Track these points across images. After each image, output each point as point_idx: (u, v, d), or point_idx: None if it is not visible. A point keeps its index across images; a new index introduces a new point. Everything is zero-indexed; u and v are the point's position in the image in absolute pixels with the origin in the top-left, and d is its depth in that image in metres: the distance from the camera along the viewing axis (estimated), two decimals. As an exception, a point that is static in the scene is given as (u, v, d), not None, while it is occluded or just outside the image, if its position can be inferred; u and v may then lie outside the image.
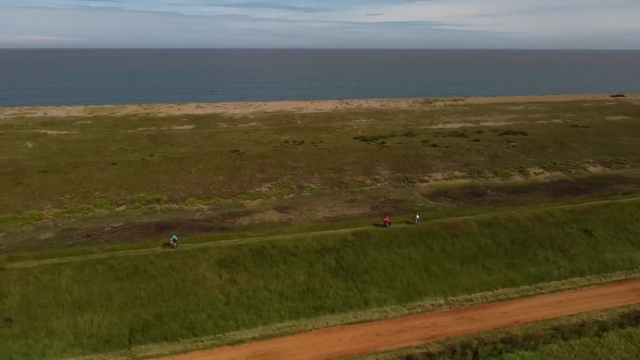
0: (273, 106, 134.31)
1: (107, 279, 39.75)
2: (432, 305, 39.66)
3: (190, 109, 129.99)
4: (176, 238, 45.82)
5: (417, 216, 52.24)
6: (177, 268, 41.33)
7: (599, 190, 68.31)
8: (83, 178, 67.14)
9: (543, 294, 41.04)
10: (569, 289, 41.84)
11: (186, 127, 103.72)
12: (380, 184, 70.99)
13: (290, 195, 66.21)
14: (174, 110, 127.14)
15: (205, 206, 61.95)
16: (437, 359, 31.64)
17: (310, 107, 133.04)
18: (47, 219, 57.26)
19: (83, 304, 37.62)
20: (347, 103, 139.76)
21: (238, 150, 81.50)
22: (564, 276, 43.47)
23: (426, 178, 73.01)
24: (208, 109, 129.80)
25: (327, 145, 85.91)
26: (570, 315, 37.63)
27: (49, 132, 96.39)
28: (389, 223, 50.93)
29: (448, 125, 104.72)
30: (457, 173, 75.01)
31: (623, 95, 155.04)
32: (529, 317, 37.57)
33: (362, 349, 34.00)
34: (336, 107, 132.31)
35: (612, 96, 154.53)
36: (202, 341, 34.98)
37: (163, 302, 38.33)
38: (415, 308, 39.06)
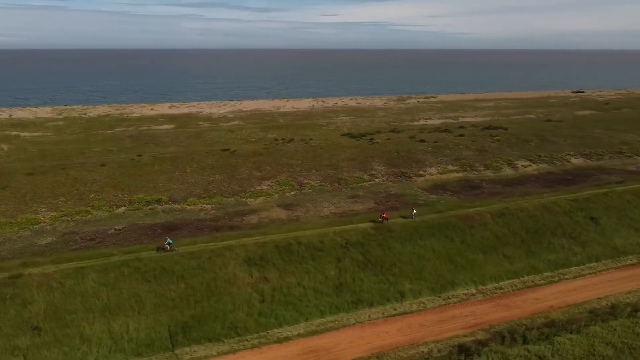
0: (249, 105, 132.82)
1: (135, 281, 38.20)
2: (466, 294, 40.22)
3: (165, 108, 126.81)
4: (171, 241, 43.78)
5: (415, 211, 52.33)
6: (205, 267, 40.17)
7: (585, 180, 71.05)
8: (74, 180, 64.29)
9: (567, 279, 42.33)
10: (590, 273, 43.34)
11: (166, 126, 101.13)
12: (378, 180, 71.36)
13: (292, 193, 65.63)
14: (148, 110, 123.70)
15: (209, 205, 60.56)
16: (489, 345, 32.03)
17: (287, 105, 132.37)
18: (44, 223, 54.52)
19: (114, 308, 36.00)
20: (323, 101, 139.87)
21: (229, 149, 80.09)
22: (582, 262, 44.98)
23: (421, 172, 73.92)
24: (183, 108, 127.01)
25: (317, 142, 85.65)
26: (599, 298, 38.98)
27: (22, 134, 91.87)
28: (387, 219, 50.30)
29: (429, 122, 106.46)
30: (450, 167, 76.34)
31: (583, 92, 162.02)
32: (560, 301, 38.66)
33: (411, 340, 34.06)
34: (313, 106, 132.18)
35: (573, 92, 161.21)
36: (247, 340, 34.16)
37: (196, 303, 37.17)
38: (450, 298, 39.48)
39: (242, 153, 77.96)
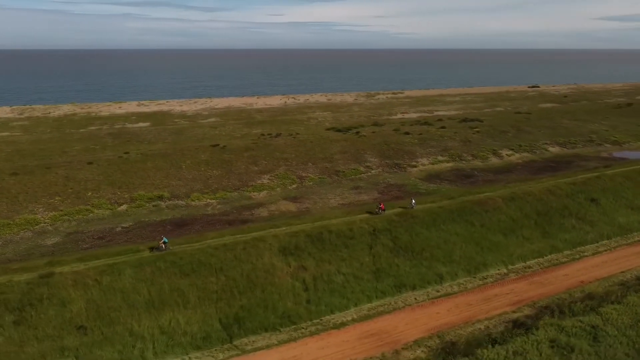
0: (220, 102, 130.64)
1: (173, 276, 36.92)
2: (499, 274, 41.38)
3: (133, 107, 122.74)
4: (166, 240, 41.16)
5: (413, 201, 52.11)
6: (242, 259, 39.35)
7: (567, 167, 74.61)
8: (65, 179, 61.20)
9: (587, 256, 44.37)
10: (605, 250, 45.61)
11: (142, 124, 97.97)
12: (374, 171, 72.08)
13: (294, 186, 65.26)
14: (116, 109, 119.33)
15: (214, 200, 59.28)
16: (542, 319, 33.13)
17: (259, 102, 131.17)
18: (44, 223, 51.73)
19: (157, 303, 34.66)
20: (294, 98, 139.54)
21: (219, 144, 78.53)
22: (595, 240, 47.24)
23: (414, 163, 75.26)
24: (152, 106, 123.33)
25: (305, 136, 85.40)
26: (622, 272, 41.14)
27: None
28: (384, 210, 49.75)
29: (407, 116, 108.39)
30: (440, 157, 78.12)
31: (538, 86, 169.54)
32: (589, 276, 40.48)
33: (463, 319, 34.73)
34: (285, 102, 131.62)
35: (529, 87, 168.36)
36: (303, 328, 33.77)
37: (241, 294, 36.37)
38: (486, 278, 40.51)
39: (233, 148, 76.63)
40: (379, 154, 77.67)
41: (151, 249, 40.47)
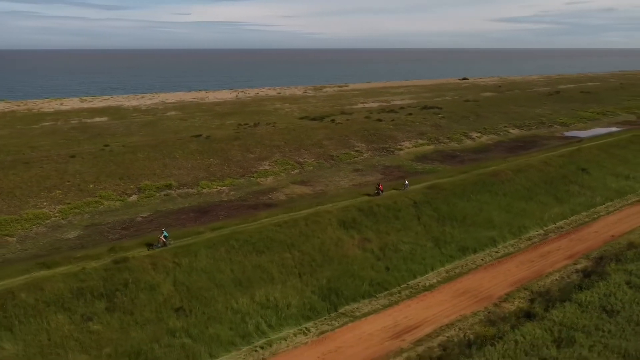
0: (170, 97, 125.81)
1: (248, 254, 35.92)
2: (539, 235, 44.50)
3: (75, 103, 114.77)
4: (167, 235, 37.01)
5: (406, 182, 52.63)
6: (308, 234, 39.09)
7: (534, 146, 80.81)
8: (57, 172, 56.59)
9: (602, 216, 48.89)
10: (615, 210, 50.51)
11: (98, 119, 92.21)
12: (365, 155, 73.59)
13: (296, 171, 65.15)
14: (58, 105, 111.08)
15: (225, 187, 57.77)
16: (608, 266, 36.27)
17: (210, 96, 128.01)
18: (55, 217, 47.81)
19: (244, 281, 33.63)
20: (243, 92, 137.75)
21: (201, 135, 76.00)
22: (601, 203, 52.09)
23: (399, 147, 77.79)
24: (96, 102, 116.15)
25: (284, 125, 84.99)
26: (640, 226, 45.77)
27: None
28: (382, 190, 49.46)
29: (368, 105, 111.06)
30: (420, 141, 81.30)
31: (468, 79, 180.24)
32: (616, 231, 44.76)
33: (534, 273, 37.15)
34: (237, 96, 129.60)
35: (460, 79, 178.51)
36: (397, 293, 34.44)
37: (320, 267, 36.21)
38: (531, 239, 43.41)
39: (218, 138, 74.59)
40: (362, 139, 79.23)
41: (148, 245, 35.78)
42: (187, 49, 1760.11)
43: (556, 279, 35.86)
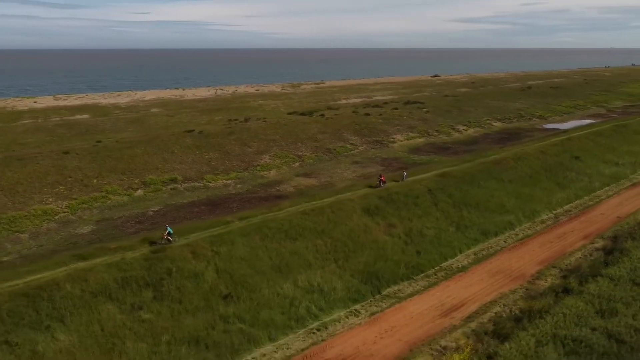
0: (147, 95, 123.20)
1: (282, 241, 35.91)
2: (550, 218, 46.14)
3: (49, 101, 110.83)
4: (171, 231, 34.68)
5: (405, 173, 53.01)
6: (336, 221, 39.33)
7: (519, 138, 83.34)
8: (55, 168, 54.82)
9: (603, 199, 51.10)
10: (614, 194, 52.86)
11: (79, 116, 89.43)
12: (360, 148, 74.31)
13: (297, 164, 65.22)
14: (31, 103, 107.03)
15: (231, 181, 57.35)
16: (626, 243, 38.00)
17: (189, 94, 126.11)
18: (64, 212, 46.47)
19: (283, 267, 33.65)
20: (222, 89, 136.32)
21: (193, 130, 74.90)
22: (600, 187, 54.40)
23: (392, 139, 78.87)
24: (72, 100, 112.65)
25: (274, 120, 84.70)
26: (641, 208, 48.06)
27: None
28: (385, 182, 49.50)
29: (351, 101, 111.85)
30: (411, 134, 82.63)
31: (439, 76, 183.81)
32: (620, 213, 46.90)
33: (557, 253, 38.62)
34: (216, 93, 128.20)
35: (432, 77, 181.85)
36: (434, 274, 35.14)
37: (353, 252, 36.55)
38: (544, 222, 44.98)
39: (212, 133, 73.72)
40: (355, 133, 79.89)
41: (151, 243, 33.69)
42: (147, 48, 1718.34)
43: (579, 257, 37.34)
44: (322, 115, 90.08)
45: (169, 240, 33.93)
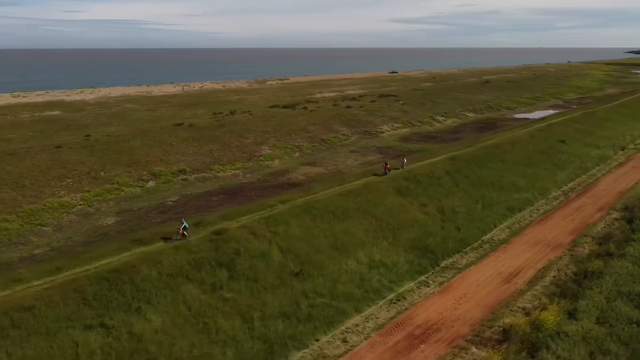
0: (112, 92, 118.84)
1: (331, 220, 36.34)
2: (560, 195, 48.86)
3: (8, 99, 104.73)
4: (187, 225, 32.50)
5: (404, 160, 56.86)
6: (374, 202, 40.12)
7: (496, 127, 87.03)
8: (54, 162, 52.44)
9: (600, 177, 54.59)
10: (607, 172, 56.66)
11: (49, 112, 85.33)
12: (352, 138, 75.36)
13: (297, 154, 65.44)
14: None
15: (238, 171, 56.90)
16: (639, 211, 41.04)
17: (155, 90, 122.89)
18: (81, 205, 44.74)
19: (339, 245, 34.08)
20: (188, 86, 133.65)
21: (182, 123, 73.32)
22: (594, 166, 58.28)
23: (380, 130, 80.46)
24: (32, 97, 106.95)
25: (260, 113, 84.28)
26: (636, 183, 51.79)
27: None
28: (390, 170, 49.80)
29: (326, 95, 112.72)
30: (396, 125, 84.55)
31: (397, 72, 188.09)
32: (622, 187, 50.46)
33: (580, 224, 41.24)
34: (182, 89, 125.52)
35: (390, 73, 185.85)
36: (480, 247, 36.70)
37: (400, 230, 37.47)
38: (557, 198, 47.68)
39: (202, 126, 72.50)
40: (343, 124, 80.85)
41: (165, 239, 31.27)
42: (81, 48, 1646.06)
43: (604, 226, 39.95)
44: (305, 108, 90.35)
45: (184, 235, 31.52)
